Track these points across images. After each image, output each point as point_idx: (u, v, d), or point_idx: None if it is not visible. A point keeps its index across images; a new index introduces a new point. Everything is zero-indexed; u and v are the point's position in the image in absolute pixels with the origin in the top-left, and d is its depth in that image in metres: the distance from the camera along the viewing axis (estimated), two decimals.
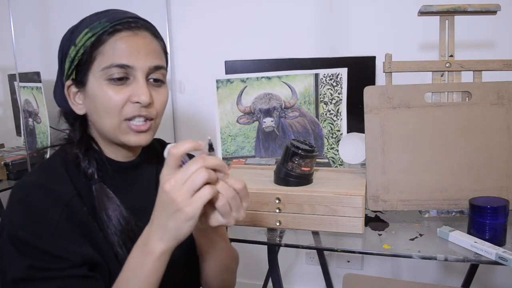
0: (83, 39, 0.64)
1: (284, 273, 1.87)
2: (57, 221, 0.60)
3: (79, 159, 0.68)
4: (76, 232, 0.62)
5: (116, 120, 0.66)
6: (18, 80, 1.67)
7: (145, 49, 0.66)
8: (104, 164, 0.70)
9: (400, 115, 1.03)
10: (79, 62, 0.66)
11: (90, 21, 0.66)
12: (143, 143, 0.69)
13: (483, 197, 0.93)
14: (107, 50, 0.64)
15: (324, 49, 1.62)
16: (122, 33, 0.64)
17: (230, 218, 0.61)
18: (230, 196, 0.59)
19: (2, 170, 1.70)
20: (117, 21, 0.64)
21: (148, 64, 0.66)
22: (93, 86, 0.65)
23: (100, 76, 0.64)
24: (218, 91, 1.34)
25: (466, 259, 0.85)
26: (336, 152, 1.31)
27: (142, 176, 0.76)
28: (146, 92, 0.65)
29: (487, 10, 1.07)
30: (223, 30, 1.71)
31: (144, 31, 0.67)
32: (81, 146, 0.69)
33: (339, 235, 0.97)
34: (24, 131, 1.81)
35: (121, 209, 0.68)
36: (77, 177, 0.67)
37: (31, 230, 0.59)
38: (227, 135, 1.35)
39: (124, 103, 0.65)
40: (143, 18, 0.68)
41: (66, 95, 0.69)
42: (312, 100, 1.31)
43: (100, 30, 0.64)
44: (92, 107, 0.67)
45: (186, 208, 0.52)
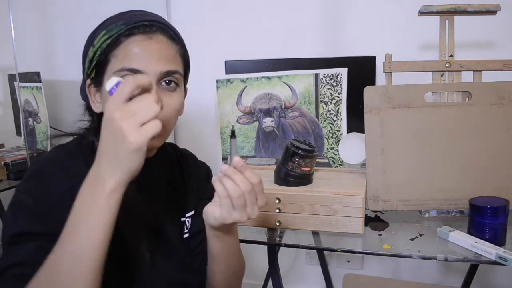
0: (100, 40, 0.65)
1: (284, 273, 1.87)
2: (63, 193, 0.61)
3: (95, 146, 0.67)
4: None
5: None
6: (18, 80, 1.67)
7: (158, 53, 0.64)
8: None
9: (400, 115, 1.03)
10: (97, 62, 0.66)
11: (109, 22, 0.66)
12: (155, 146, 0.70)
13: (483, 197, 0.93)
14: (120, 53, 0.64)
15: (324, 49, 1.61)
16: (137, 37, 0.64)
17: (244, 214, 0.62)
18: (247, 190, 0.60)
19: (2, 170, 1.70)
20: (133, 24, 0.64)
21: (159, 69, 0.64)
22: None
23: None
24: (218, 91, 1.34)
25: (466, 259, 0.85)
26: (336, 152, 1.31)
27: (152, 176, 0.76)
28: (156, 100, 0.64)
29: (487, 10, 1.07)
30: (223, 30, 1.71)
31: (159, 35, 0.66)
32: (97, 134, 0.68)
33: (339, 235, 0.97)
34: (24, 131, 1.81)
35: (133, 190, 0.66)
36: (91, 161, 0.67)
37: (35, 198, 0.60)
38: (227, 135, 1.35)
39: None
40: (161, 21, 0.67)
41: (87, 92, 0.71)
42: (312, 100, 1.31)
43: (116, 33, 0.64)
44: None
45: (133, 136, 0.50)
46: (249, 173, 0.61)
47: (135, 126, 0.50)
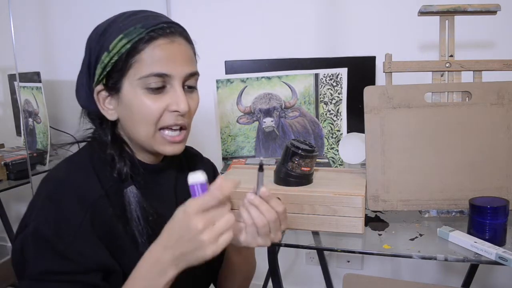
0: (118, 45, 0.63)
1: (284, 273, 1.87)
2: (81, 222, 0.61)
3: (115, 161, 0.68)
4: (97, 235, 0.62)
5: (152, 129, 0.66)
6: (18, 80, 1.67)
7: (181, 56, 0.65)
8: (136, 166, 0.70)
9: (400, 115, 1.03)
10: (112, 68, 0.64)
11: (123, 25, 0.64)
12: (178, 153, 0.70)
13: (483, 197, 0.93)
14: (145, 58, 0.63)
15: (324, 49, 1.61)
16: (159, 41, 0.63)
17: (268, 240, 0.64)
18: (272, 219, 0.62)
19: (2, 170, 1.70)
20: (152, 27, 0.63)
21: (185, 72, 0.65)
22: (128, 94, 0.64)
23: (137, 85, 0.64)
24: (218, 91, 1.34)
25: (466, 259, 0.85)
26: (336, 152, 1.30)
27: (164, 180, 0.77)
28: (185, 100, 0.65)
29: (487, 10, 1.07)
30: (223, 30, 1.71)
31: (179, 37, 0.66)
32: (115, 147, 0.69)
33: (339, 235, 0.97)
34: (24, 131, 1.81)
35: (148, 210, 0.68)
36: (106, 176, 0.67)
37: (54, 229, 0.60)
38: (227, 135, 1.35)
39: (162, 112, 0.65)
40: (176, 23, 0.67)
41: (95, 99, 0.68)
42: (312, 100, 1.31)
43: (136, 37, 0.62)
44: (126, 115, 0.66)
45: (210, 249, 0.54)
46: (274, 203, 0.64)
47: (214, 239, 0.54)
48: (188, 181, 0.57)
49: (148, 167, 0.73)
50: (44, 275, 0.59)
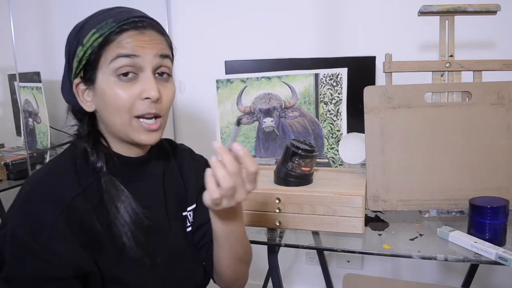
0: (91, 39, 0.64)
1: (284, 273, 1.87)
2: (54, 222, 0.61)
3: (87, 153, 0.68)
4: (74, 234, 0.62)
5: (127, 118, 0.66)
6: (18, 80, 1.67)
7: (151, 44, 0.66)
8: (112, 158, 0.70)
9: (400, 115, 1.03)
10: (87, 61, 0.66)
11: (96, 20, 0.66)
12: (153, 142, 0.69)
13: (483, 197, 0.93)
14: (113, 46, 0.64)
15: (324, 49, 1.61)
16: (129, 32, 0.64)
17: (232, 201, 0.62)
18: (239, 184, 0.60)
19: (2, 170, 1.70)
20: (124, 21, 0.64)
21: (154, 52, 0.66)
22: (102, 83, 0.66)
23: (109, 73, 0.64)
24: (218, 91, 1.34)
25: (466, 259, 0.85)
26: (336, 152, 1.30)
27: (150, 173, 0.76)
28: (155, 87, 0.65)
29: (487, 10, 1.07)
30: (223, 30, 1.71)
31: (150, 30, 0.67)
32: (89, 140, 0.70)
33: (339, 235, 0.97)
34: (24, 131, 1.81)
35: (130, 200, 0.68)
36: (86, 171, 0.68)
37: (29, 229, 0.60)
38: (227, 135, 1.35)
39: (134, 100, 0.65)
40: (148, 17, 0.68)
41: (74, 92, 0.70)
42: (312, 100, 1.31)
43: (107, 31, 0.64)
44: (101, 105, 0.67)
45: None
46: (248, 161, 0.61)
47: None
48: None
49: (130, 161, 0.73)
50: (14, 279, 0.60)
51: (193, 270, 0.80)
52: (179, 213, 0.80)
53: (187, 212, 0.81)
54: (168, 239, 0.76)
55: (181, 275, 0.76)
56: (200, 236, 0.81)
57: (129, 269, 0.68)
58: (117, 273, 0.67)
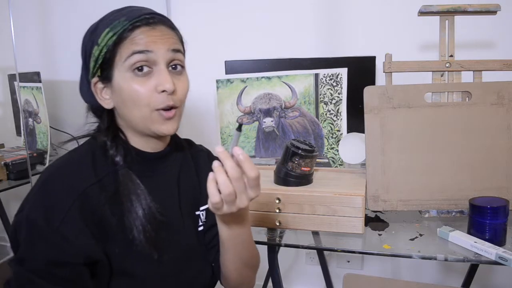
0: (105, 38, 0.67)
1: (284, 273, 1.87)
2: (67, 209, 0.63)
3: (106, 146, 0.71)
4: (86, 222, 0.64)
5: (146, 111, 0.68)
6: (18, 80, 1.67)
7: (163, 38, 0.68)
8: (130, 152, 0.73)
9: (400, 115, 1.03)
10: (103, 60, 0.68)
11: (109, 20, 0.68)
12: (172, 131, 0.71)
13: (483, 197, 0.93)
14: (127, 43, 0.66)
15: (324, 49, 1.61)
16: (141, 28, 0.67)
17: (233, 207, 0.63)
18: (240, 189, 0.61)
19: (2, 170, 1.69)
20: (135, 18, 0.67)
21: (167, 47, 0.68)
22: (118, 80, 0.68)
23: (125, 70, 0.67)
24: (218, 91, 1.34)
25: (466, 259, 0.85)
26: (336, 152, 1.30)
27: (166, 169, 0.78)
28: (169, 79, 0.67)
29: (487, 10, 1.07)
30: (223, 30, 1.71)
31: (161, 25, 0.69)
32: (108, 134, 0.72)
33: (339, 235, 0.97)
34: (24, 131, 1.81)
35: (145, 195, 0.70)
36: (103, 164, 0.70)
37: (43, 214, 0.62)
38: (227, 135, 1.35)
39: (151, 94, 0.67)
40: (159, 13, 0.71)
41: (93, 91, 0.72)
42: (312, 100, 1.31)
43: (120, 29, 0.66)
44: (119, 101, 0.70)
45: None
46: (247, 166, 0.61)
47: None
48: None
49: (148, 155, 0.75)
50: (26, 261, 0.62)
51: (202, 269, 0.80)
52: (192, 212, 0.81)
53: (200, 212, 0.82)
54: (179, 236, 0.77)
55: (189, 274, 0.77)
56: (211, 237, 0.82)
57: (137, 262, 0.69)
58: (125, 265, 0.68)
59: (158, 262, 0.70)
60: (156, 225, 0.69)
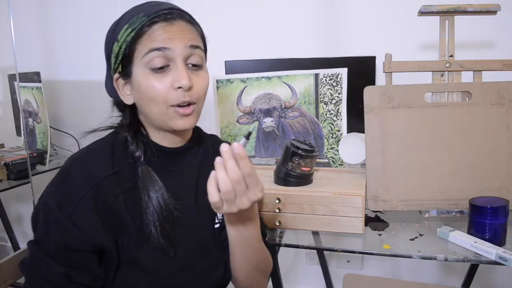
0: (124, 34, 0.68)
1: (284, 273, 1.87)
2: (81, 198, 0.65)
3: (127, 142, 0.72)
4: (98, 212, 0.66)
5: (163, 107, 0.69)
6: (18, 80, 1.67)
7: (181, 34, 0.68)
8: (150, 147, 0.74)
9: (400, 115, 1.03)
10: (123, 56, 0.69)
11: (129, 17, 0.69)
12: (188, 127, 0.72)
13: (483, 197, 0.93)
14: (145, 39, 0.67)
15: (324, 49, 1.61)
16: (159, 24, 0.67)
17: (233, 207, 0.63)
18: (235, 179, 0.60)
19: (2, 170, 1.70)
20: (153, 14, 0.67)
21: (184, 44, 0.68)
22: (137, 76, 0.69)
23: (143, 66, 0.68)
24: (218, 91, 1.34)
25: (466, 259, 0.85)
26: (336, 152, 1.31)
27: (186, 164, 0.78)
28: (186, 75, 0.68)
29: (487, 10, 1.07)
30: (223, 30, 1.71)
31: (179, 20, 0.69)
32: (130, 129, 0.73)
33: (339, 235, 0.97)
34: (24, 131, 1.82)
35: (163, 191, 0.71)
36: (123, 158, 0.71)
37: (58, 199, 0.66)
38: (227, 135, 1.35)
39: (167, 90, 0.68)
40: (177, 8, 0.71)
41: (115, 87, 0.73)
42: (312, 100, 1.31)
43: (139, 25, 0.67)
44: (138, 97, 0.71)
45: None
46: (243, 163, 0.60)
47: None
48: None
49: (167, 150, 0.76)
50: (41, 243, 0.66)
51: (214, 266, 0.80)
52: (210, 209, 0.79)
53: None
54: (194, 232, 0.77)
55: (201, 269, 0.77)
56: (225, 236, 0.81)
57: (150, 255, 0.70)
58: (136, 256, 0.70)
59: (171, 256, 0.71)
60: (173, 221, 0.71)
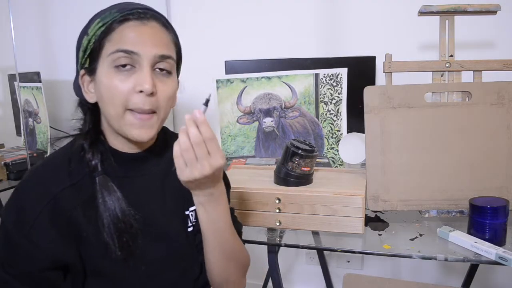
0: (94, 28, 0.65)
1: (284, 273, 1.87)
2: (38, 214, 0.64)
3: (84, 151, 0.69)
4: (57, 226, 0.65)
5: (120, 110, 0.65)
6: (18, 80, 1.67)
7: (152, 38, 0.66)
8: (108, 155, 0.71)
9: (400, 115, 1.03)
10: (90, 51, 0.66)
11: (102, 12, 0.67)
12: (145, 138, 0.68)
13: (483, 197, 0.93)
14: (115, 37, 0.64)
15: (324, 49, 1.61)
16: (131, 22, 0.65)
17: (195, 170, 0.62)
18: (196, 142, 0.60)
19: (2, 170, 1.69)
20: (127, 11, 0.65)
21: (154, 52, 0.65)
22: (101, 74, 0.66)
23: (108, 64, 0.65)
24: (218, 91, 1.34)
25: (466, 259, 0.85)
26: (336, 152, 1.31)
27: (151, 169, 0.76)
28: (149, 80, 0.64)
29: (487, 10, 1.07)
30: (223, 30, 1.71)
31: (153, 22, 0.67)
32: (87, 137, 0.70)
33: (339, 235, 0.97)
34: (24, 131, 1.81)
35: (121, 201, 0.68)
36: (80, 168, 0.69)
37: (14, 219, 0.64)
38: (227, 135, 1.35)
39: (128, 92, 0.65)
40: (153, 9, 0.69)
41: (80, 83, 0.70)
42: (312, 100, 1.31)
43: (110, 20, 0.65)
44: (99, 96, 0.68)
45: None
46: (203, 128, 0.61)
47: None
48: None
49: (128, 156, 0.73)
50: (4, 263, 0.64)
51: (187, 269, 0.79)
52: (180, 212, 0.79)
53: (189, 212, 0.80)
54: (162, 238, 0.75)
55: (172, 274, 0.76)
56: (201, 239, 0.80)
57: (113, 265, 0.68)
58: (100, 267, 0.68)
59: (135, 267, 0.70)
60: (133, 233, 0.68)
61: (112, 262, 0.68)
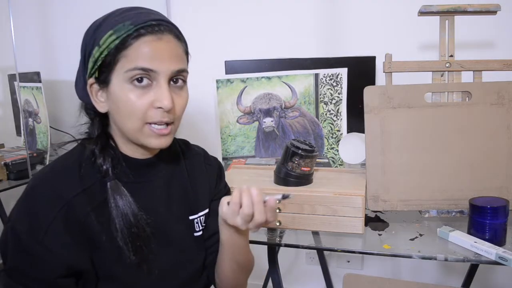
0: (108, 41, 0.64)
1: (284, 273, 1.87)
2: (51, 220, 0.63)
3: (95, 156, 0.69)
4: (71, 232, 0.64)
5: (139, 124, 0.66)
6: (18, 80, 1.67)
7: (168, 53, 0.66)
8: (119, 160, 0.71)
9: (400, 115, 1.03)
10: (102, 63, 0.65)
11: (114, 21, 0.65)
12: (164, 146, 0.70)
13: (483, 197, 0.93)
14: (131, 53, 0.64)
15: (324, 49, 1.61)
16: (146, 37, 0.64)
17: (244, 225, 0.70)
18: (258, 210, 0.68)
19: (2, 170, 1.69)
20: (141, 24, 0.64)
21: (171, 68, 0.66)
22: (116, 88, 0.65)
23: (124, 79, 0.64)
24: (218, 91, 1.34)
25: (466, 259, 0.85)
26: (336, 152, 1.31)
27: (158, 175, 0.76)
28: (169, 97, 0.65)
29: (487, 10, 1.07)
30: (223, 30, 1.71)
31: (167, 35, 0.66)
32: (97, 142, 0.70)
33: (339, 235, 0.97)
34: (24, 131, 1.81)
35: (133, 206, 0.68)
36: (91, 173, 0.68)
37: (27, 225, 0.62)
38: (227, 135, 1.35)
39: (147, 108, 0.65)
40: (166, 20, 0.68)
41: (88, 91, 0.69)
42: (312, 100, 1.31)
43: (124, 34, 0.63)
44: (114, 109, 0.67)
45: None
46: (269, 213, 0.70)
47: None
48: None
49: (138, 162, 0.74)
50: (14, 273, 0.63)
51: (196, 272, 0.80)
52: (185, 217, 0.79)
53: (197, 217, 0.81)
54: (172, 242, 0.76)
55: (183, 277, 0.77)
56: (213, 243, 0.82)
57: (126, 269, 0.68)
58: (113, 272, 0.68)
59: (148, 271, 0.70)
60: (145, 237, 0.69)
61: (125, 267, 0.68)
